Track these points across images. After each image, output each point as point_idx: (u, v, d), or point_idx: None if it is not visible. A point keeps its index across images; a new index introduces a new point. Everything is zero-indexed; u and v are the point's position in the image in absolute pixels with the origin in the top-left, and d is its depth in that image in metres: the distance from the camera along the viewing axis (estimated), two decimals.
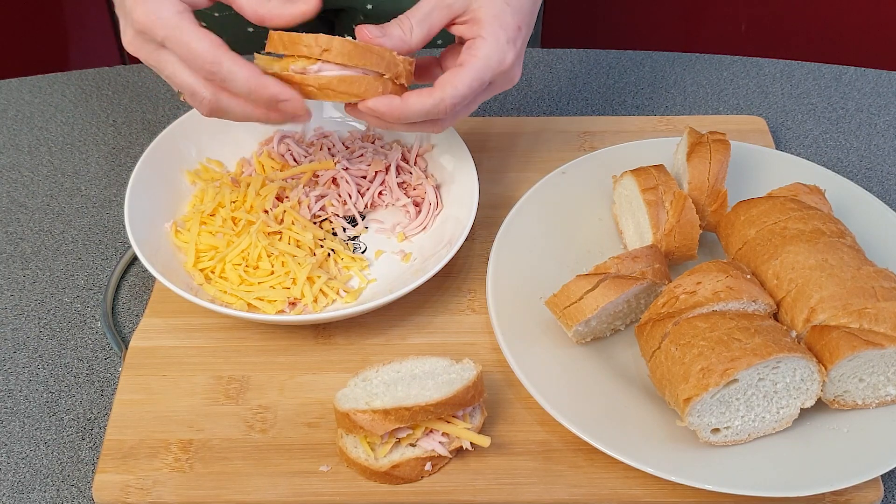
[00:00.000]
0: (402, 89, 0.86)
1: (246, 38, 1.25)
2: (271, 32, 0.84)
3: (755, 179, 1.03)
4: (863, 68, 1.23)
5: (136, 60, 0.85)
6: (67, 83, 1.20)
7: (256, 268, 0.94)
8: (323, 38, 0.82)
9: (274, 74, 0.83)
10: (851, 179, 1.09)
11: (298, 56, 0.83)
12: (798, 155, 1.12)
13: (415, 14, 0.87)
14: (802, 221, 0.91)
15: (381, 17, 1.25)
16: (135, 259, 1.01)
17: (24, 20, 2.02)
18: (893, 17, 1.93)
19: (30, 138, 1.14)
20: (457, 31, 0.88)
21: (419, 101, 0.85)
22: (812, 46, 1.98)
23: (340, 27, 1.36)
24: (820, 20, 1.97)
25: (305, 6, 0.83)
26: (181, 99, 0.86)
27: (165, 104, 1.18)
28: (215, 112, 0.85)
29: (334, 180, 1.03)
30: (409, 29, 0.86)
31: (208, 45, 0.80)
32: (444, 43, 0.96)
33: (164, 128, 1.02)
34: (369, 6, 1.25)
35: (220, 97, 0.83)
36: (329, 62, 0.82)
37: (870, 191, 1.08)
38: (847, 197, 1.01)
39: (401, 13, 1.08)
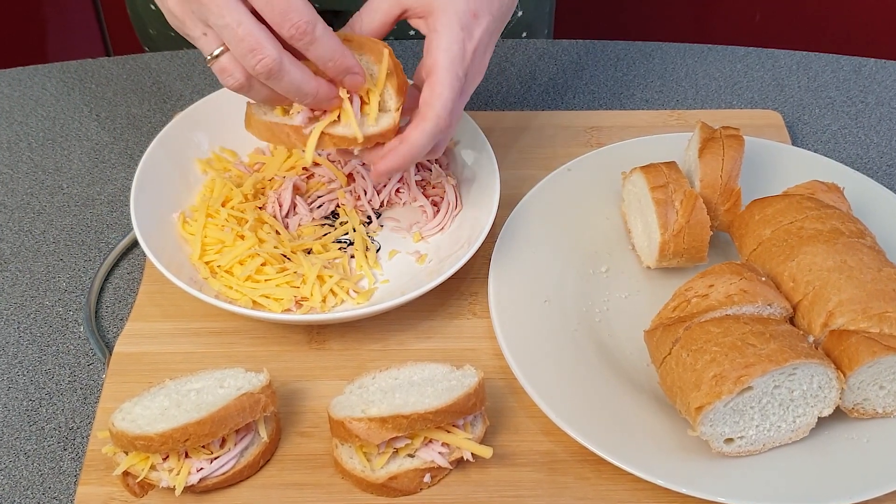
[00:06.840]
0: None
1: None
2: None
3: (770, 177, 1.03)
4: (883, 60, 1.24)
5: (120, 52, 0.83)
6: (48, 76, 1.20)
7: (265, 264, 0.94)
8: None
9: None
10: (871, 177, 1.08)
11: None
12: (815, 151, 1.12)
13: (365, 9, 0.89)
14: (820, 221, 0.90)
15: None
16: (119, 260, 1.01)
17: (1, 9, 2.01)
18: None
19: (9, 133, 1.14)
20: (415, 24, 0.89)
21: (418, 131, 0.85)
22: (830, 37, 2.00)
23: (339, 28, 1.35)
24: (839, 9, 1.98)
25: None
26: (210, 65, 0.83)
27: (151, 98, 1.18)
28: (268, 74, 0.81)
29: (350, 175, 1.02)
30: (359, 25, 0.88)
31: (305, 3, 0.80)
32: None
33: (149, 122, 1.02)
34: None
35: (285, 58, 0.81)
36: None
37: (891, 189, 1.08)
38: (867, 195, 1.01)
39: None
